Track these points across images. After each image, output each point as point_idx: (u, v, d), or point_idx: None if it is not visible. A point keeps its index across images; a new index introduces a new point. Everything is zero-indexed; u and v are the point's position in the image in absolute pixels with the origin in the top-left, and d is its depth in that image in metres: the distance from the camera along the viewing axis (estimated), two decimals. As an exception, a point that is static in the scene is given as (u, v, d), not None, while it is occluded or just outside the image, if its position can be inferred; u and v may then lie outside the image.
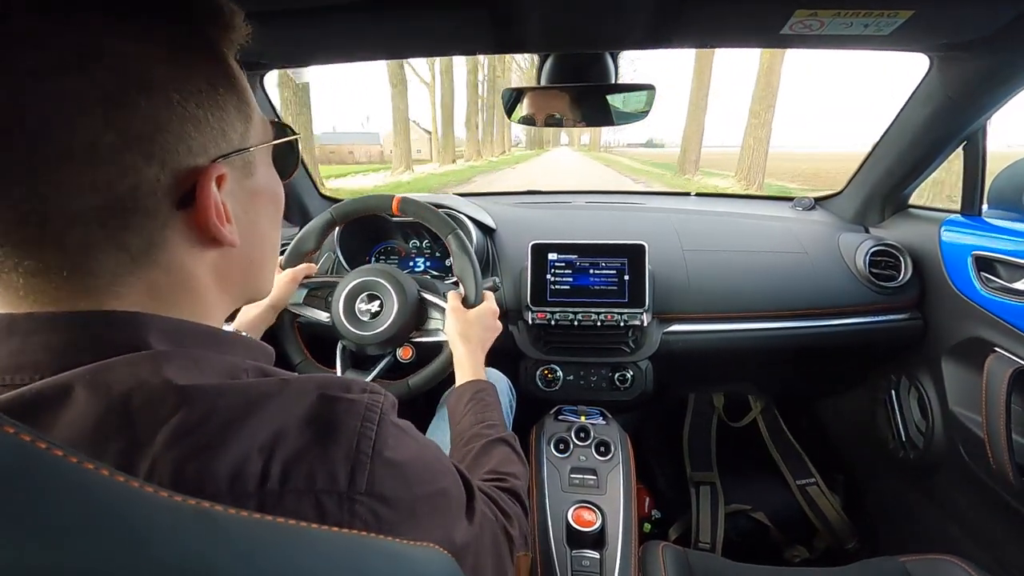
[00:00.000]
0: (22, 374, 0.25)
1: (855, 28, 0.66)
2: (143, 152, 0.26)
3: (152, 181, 0.27)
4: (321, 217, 0.86)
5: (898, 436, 1.11)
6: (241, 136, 0.32)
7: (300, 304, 0.84)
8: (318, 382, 0.30)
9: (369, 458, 0.28)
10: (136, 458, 0.23)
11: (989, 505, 0.91)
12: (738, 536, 1.18)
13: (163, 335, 0.28)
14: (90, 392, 0.24)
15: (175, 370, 0.26)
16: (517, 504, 0.50)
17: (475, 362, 0.72)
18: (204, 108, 0.29)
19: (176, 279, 0.30)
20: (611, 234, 1.14)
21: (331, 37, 0.73)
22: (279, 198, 0.39)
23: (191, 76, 0.28)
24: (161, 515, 0.19)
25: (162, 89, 0.26)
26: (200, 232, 0.30)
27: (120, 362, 0.25)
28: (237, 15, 0.31)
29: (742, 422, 1.45)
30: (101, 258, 0.26)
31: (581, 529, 0.81)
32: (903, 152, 1.02)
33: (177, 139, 0.27)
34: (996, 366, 0.85)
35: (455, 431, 0.63)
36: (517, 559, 0.46)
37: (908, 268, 1.04)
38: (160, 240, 0.28)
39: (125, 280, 0.28)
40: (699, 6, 0.62)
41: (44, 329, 0.26)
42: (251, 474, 0.25)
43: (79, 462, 0.17)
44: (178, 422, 0.24)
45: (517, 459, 0.58)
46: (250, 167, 0.34)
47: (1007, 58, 0.75)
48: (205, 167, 0.29)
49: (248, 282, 0.37)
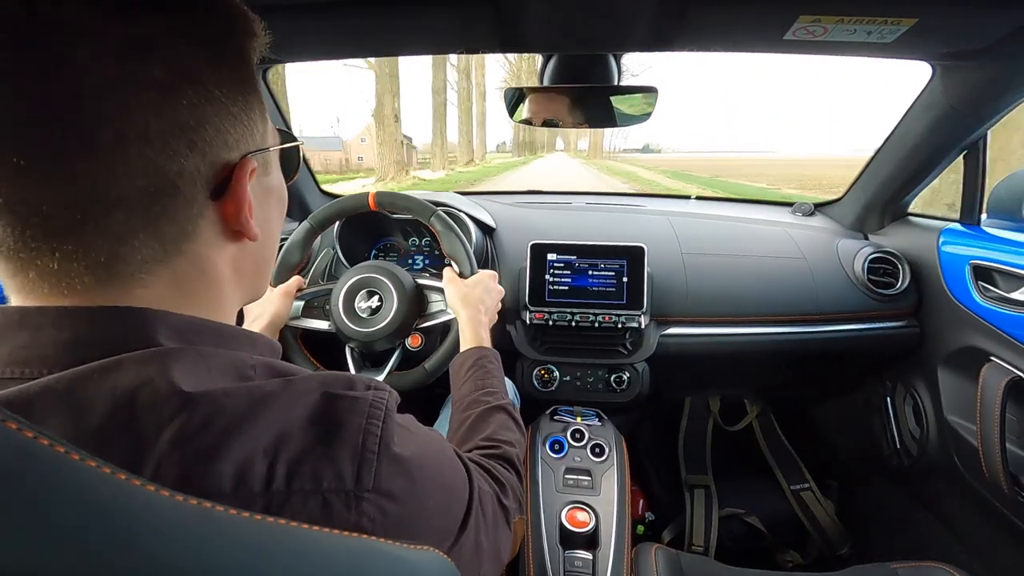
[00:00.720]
0: (30, 368, 0.25)
1: (858, 35, 0.66)
2: (187, 141, 0.27)
3: (193, 170, 0.28)
4: (301, 228, 0.85)
5: (892, 443, 1.12)
6: (262, 136, 0.34)
7: (299, 318, 0.84)
8: (321, 380, 0.30)
9: (375, 455, 0.29)
10: (141, 459, 0.23)
11: (982, 513, 0.91)
12: (731, 540, 1.19)
13: (172, 332, 0.28)
14: (96, 390, 0.24)
15: (182, 370, 0.26)
16: (511, 471, 0.50)
17: (476, 324, 0.72)
18: (239, 107, 0.30)
19: (200, 270, 0.31)
20: (610, 235, 1.14)
21: (334, 33, 0.73)
22: (284, 199, 0.40)
23: (229, 77, 0.30)
24: (163, 514, 0.19)
25: (207, 85, 0.28)
26: (227, 224, 0.32)
27: (127, 360, 0.26)
28: (259, 23, 0.32)
29: (737, 426, 1.45)
30: (136, 244, 0.27)
31: (574, 530, 0.81)
32: (903, 160, 1.02)
33: (216, 132, 0.29)
34: (991, 375, 0.85)
35: (455, 396, 0.63)
36: (514, 524, 0.47)
37: (906, 276, 1.05)
38: (192, 229, 0.30)
39: (153, 269, 0.28)
40: (702, 10, 0.62)
41: (54, 324, 0.26)
42: (256, 476, 0.25)
43: (81, 459, 0.17)
44: (181, 425, 0.24)
45: (514, 426, 0.58)
46: (268, 166, 0.36)
47: (1009, 67, 0.75)
48: (238, 161, 0.31)
49: (257, 278, 0.38)
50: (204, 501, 0.20)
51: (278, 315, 0.78)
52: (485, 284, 0.77)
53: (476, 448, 0.52)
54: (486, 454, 0.51)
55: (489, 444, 0.53)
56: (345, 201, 0.86)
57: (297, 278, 0.85)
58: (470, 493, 0.39)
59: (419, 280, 0.82)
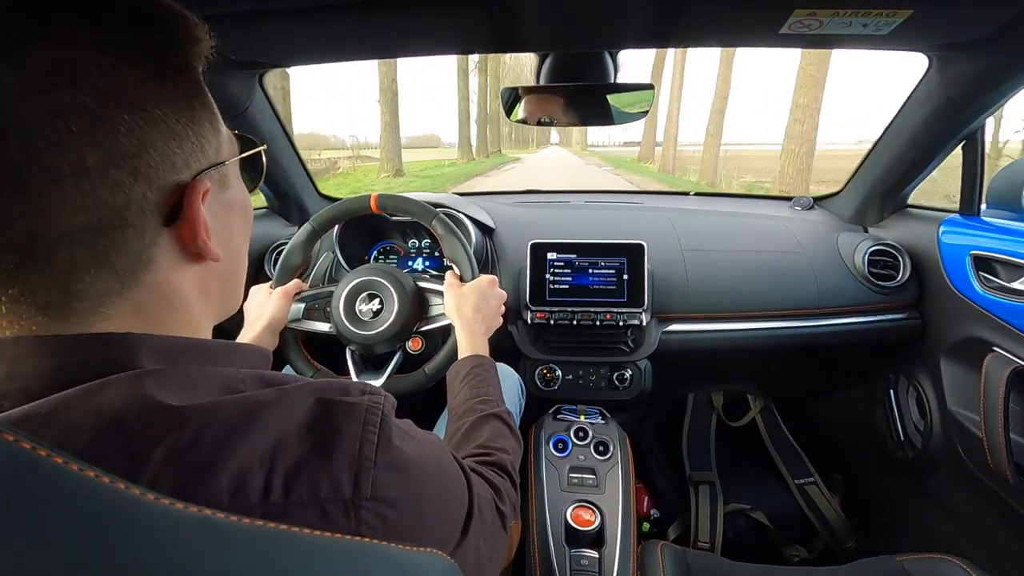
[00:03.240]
0: (9, 401, 0.24)
1: (854, 28, 0.66)
2: (130, 169, 0.26)
3: (140, 199, 0.26)
4: (303, 230, 0.85)
5: (896, 435, 1.11)
6: (215, 150, 0.32)
7: (300, 320, 0.83)
8: (315, 387, 0.30)
9: (372, 463, 0.28)
10: (134, 477, 0.23)
11: (987, 504, 0.91)
12: (737, 535, 1.18)
13: (155, 354, 0.27)
14: (80, 413, 0.23)
15: (169, 389, 0.26)
16: (505, 477, 0.50)
17: (472, 333, 0.72)
18: (183, 124, 0.28)
19: (162, 297, 0.30)
20: (610, 233, 1.14)
21: (329, 36, 0.73)
22: (249, 210, 0.39)
23: (171, 92, 0.28)
24: (161, 522, 0.19)
25: (145, 106, 0.26)
26: (185, 248, 0.30)
27: (110, 383, 0.25)
28: (201, 27, 0.30)
29: (741, 421, 1.45)
30: (88, 280, 0.26)
31: (580, 528, 0.81)
32: (902, 152, 1.02)
33: (162, 155, 0.27)
34: (994, 366, 0.85)
35: (451, 404, 0.63)
36: (510, 528, 0.47)
37: (907, 268, 1.05)
38: (147, 258, 0.28)
39: (111, 301, 0.27)
40: (698, 5, 0.62)
41: (33, 354, 0.25)
42: (253, 487, 0.25)
43: (79, 469, 0.17)
44: (172, 442, 0.24)
45: (509, 434, 0.58)
46: (226, 180, 0.34)
47: (1006, 58, 0.75)
48: (189, 183, 0.29)
49: (226, 295, 0.37)
50: (204, 509, 0.20)
51: (276, 317, 0.78)
52: (483, 291, 0.77)
53: (470, 455, 0.52)
54: (480, 461, 0.51)
55: (483, 451, 0.53)
56: (346, 203, 0.86)
57: (296, 281, 0.85)
58: (470, 498, 0.38)
59: (419, 283, 0.82)
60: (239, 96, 0.93)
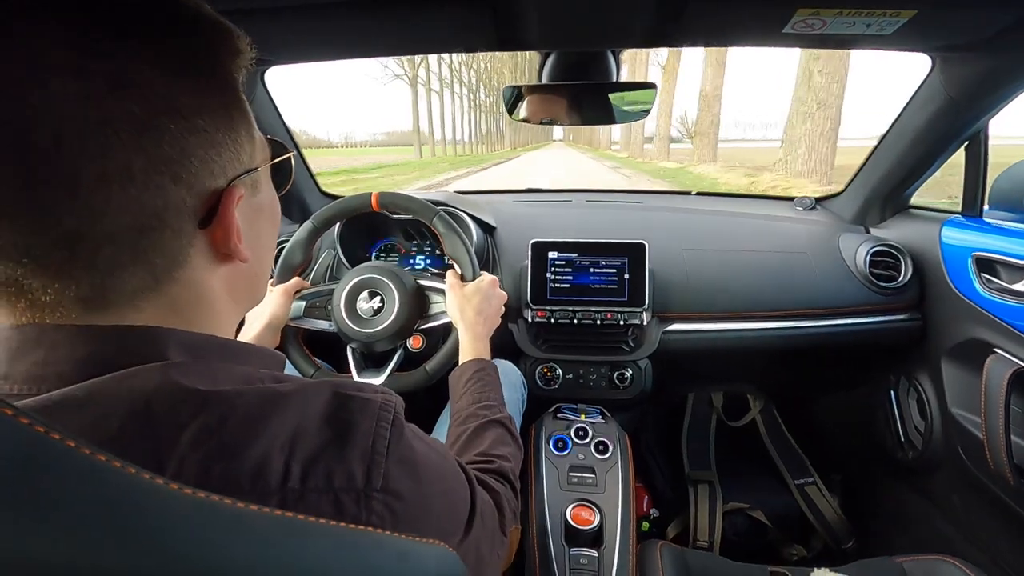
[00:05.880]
0: (47, 384, 0.26)
1: (857, 28, 0.65)
2: (171, 175, 0.27)
3: (179, 203, 0.28)
4: (304, 228, 0.85)
5: (897, 436, 1.11)
6: (249, 157, 0.33)
7: (301, 318, 0.84)
8: (331, 383, 0.31)
9: (384, 457, 0.30)
10: (164, 458, 0.24)
11: (987, 506, 0.91)
12: (736, 535, 1.19)
13: (181, 348, 0.29)
14: (113, 398, 0.25)
15: (192, 379, 0.27)
16: (506, 484, 0.51)
17: (474, 336, 0.72)
18: (223, 132, 0.30)
19: (194, 294, 0.31)
20: (611, 232, 1.14)
21: (333, 33, 0.73)
22: (277, 213, 0.40)
23: (212, 103, 0.29)
24: (171, 505, 0.19)
25: (188, 116, 0.28)
26: (216, 249, 0.32)
27: (140, 370, 0.27)
28: (244, 39, 0.32)
29: (741, 421, 1.45)
30: (126, 277, 0.27)
31: (579, 527, 0.81)
32: (904, 152, 1.02)
33: (201, 162, 0.29)
34: (995, 367, 0.85)
35: (454, 409, 0.64)
36: (510, 533, 0.49)
37: (908, 268, 1.04)
38: (183, 258, 0.30)
39: (146, 296, 0.29)
40: (701, 4, 0.62)
41: (70, 342, 0.27)
42: (273, 471, 0.26)
43: (92, 453, 0.18)
44: (200, 425, 0.25)
45: (511, 440, 0.59)
46: (257, 185, 0.35)
47: (1009, 59, 0.75)
48: (225, 188, 0.31)
49: (252, 292, 0.39)
50: (225, 498, 0.21)
51: (277, 315, 0.78)
52: (484, 292, 0.77)
53: (471, 463, 0.53)
54: (482, 468, 0.51)
55: (485, 459, 0.54)
56: (348, 201, 0.86)
57: (297, 279, 0.85)
58: (472, 501, 0.40)
59: (420, 281, 0.82)
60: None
